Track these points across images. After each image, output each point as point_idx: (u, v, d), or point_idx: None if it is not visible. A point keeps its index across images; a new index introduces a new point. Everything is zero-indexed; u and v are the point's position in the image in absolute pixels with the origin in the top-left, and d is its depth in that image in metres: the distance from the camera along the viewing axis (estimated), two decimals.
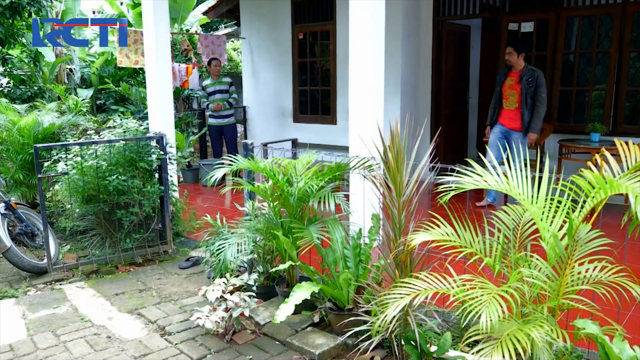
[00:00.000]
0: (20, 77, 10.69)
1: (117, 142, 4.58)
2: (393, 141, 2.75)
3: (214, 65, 8.19)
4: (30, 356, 3.26)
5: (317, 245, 3.42)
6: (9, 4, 7.58)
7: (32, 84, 10.64)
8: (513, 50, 5.90)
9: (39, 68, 10.94)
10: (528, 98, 5.87)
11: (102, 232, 4.81)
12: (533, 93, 5.86)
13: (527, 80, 5.87)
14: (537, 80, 5.84)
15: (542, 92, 5.87)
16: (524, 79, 5.89)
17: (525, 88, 5.88)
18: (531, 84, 5.85)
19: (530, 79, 5.85)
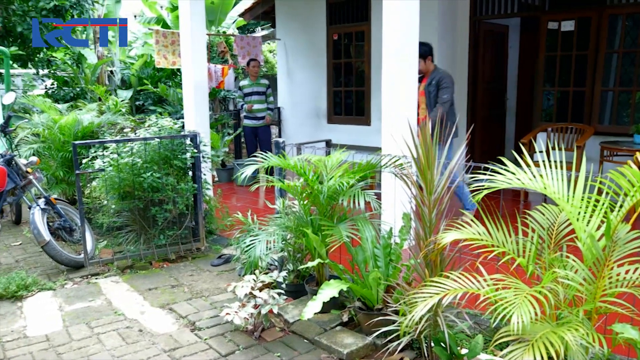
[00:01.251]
0: (63, 78, 11.03)
1: (152, 140, 4.66)
2: (424, 139, 2.70)
3: (252, 66, 8.19)
4: (64, 347, 3.33)
5: (347, 244, 3.40)
6: (52, 7, 7.82)
7: (75, 86, 10.96)
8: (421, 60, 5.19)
9: (81, 70, 11.27)
10: (432, 102, 5.41)
11: (137, 229, 4.90)
12: (436, 95, 5.37)
13: (428, 84, 5.43)
14: (439, 82, 5.33)
15: (444, 93, 5.31)
16: (427, 82, 5.47)
17: (428, 92, 5.43)
18: (433, 87, 5.38)
19: (434, 82, 5.39)
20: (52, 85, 10.95)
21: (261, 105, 8.24)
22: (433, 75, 5.38)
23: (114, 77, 12.26)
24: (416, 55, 4.54)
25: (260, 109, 8.24)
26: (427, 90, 5.38)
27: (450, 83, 5.36)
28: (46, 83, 11.11)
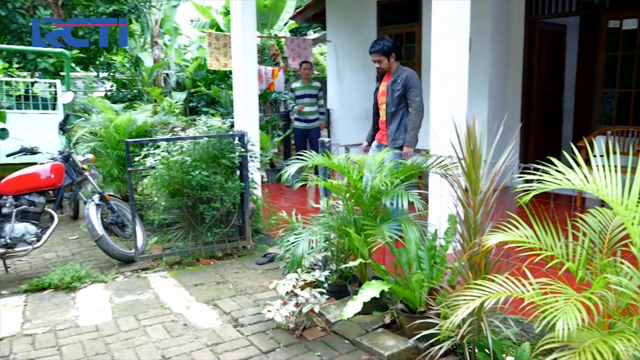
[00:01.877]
0: (122, 81, 11.45)
1: (201, 138, 4.75)
2: (469, 139, 2.63)
3: (304, 68, 8.15)
4: (112, 337, 3.44)
5: (390, 245, 3.36)
6: (111, 12, 8.13)
7: (133, 88, 11.36)
8: (380, 56, 4.94)
9: (138, 73, 11.66)
10: (395, 103, 4.91)
11: (186, 226, 5.00)
12: (402, 97, 4.89)
13: (392, 82, 4.94)
14: (406, 81, 4.86)
15: (415, 95, 4.85)
16: (390, 81, 4.98)
17: (391, 90, 4.92)
18: (398, 84, 4.89)
19: (398, 80, 4.89)
20: (111, 87, 11.39)
21: (312, 107, 8.20)
22: (398, 72, 4.95)
23: (169, 79, 12.61)
24: (466, 55, 4.45)
25: (311, 111, 8.20)
26: (390, 89, 4.94)
27: (418, 82, 4.95)
28: (106, 85, 11.55)
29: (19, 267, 4.85)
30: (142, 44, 12.84)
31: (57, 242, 5.60)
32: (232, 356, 3.17)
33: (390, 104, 4.97)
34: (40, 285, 4.25)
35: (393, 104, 4.95)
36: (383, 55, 4.95)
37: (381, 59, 4.97)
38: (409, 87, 4.87)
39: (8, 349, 3.30)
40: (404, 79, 4.88)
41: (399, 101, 4.91)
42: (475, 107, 7.04)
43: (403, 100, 4.91)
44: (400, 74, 4.93)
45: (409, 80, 4.87)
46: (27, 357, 3.19)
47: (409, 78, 4.88)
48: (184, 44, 13.84)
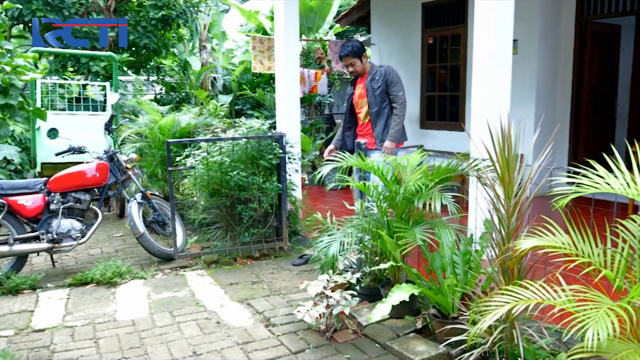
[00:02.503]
0: (171, 84, 11.75)
1: (240, 139, 4.81)
2: (502, 140, 2.55)
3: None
4: (147, 332, 3.51)
5: (423, 249, 3.30)
6: (160, 17, 8.36)
7: (181, 91, 11.64)
8: (352, 59, 4.78)
9: (187, 76, 11.95)
10: (378, 101, 4.75)
11: (224, 225, 5.07)
12: (384, 93, 4.71)
13: (371, 80, 4.76)
14: (386, 76, 4.69)
15: (397, 89, 4.69)
16: (368, 79, 4.80)
17: (372, 88, 4.75)
18: (377, 81, 4.71)
19: (377, 77, 4.72)
20: (160, 90, 11.71)
21: None
22: (374, 70, 4.78)
23: (216, 82, 12.86)
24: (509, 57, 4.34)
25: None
26: (369, 87, 4.76)
27: (398, 76, 4.77)
28: (156, 88, 11.89)
29: (65, 261, 5.03)
30: (190, 48, 13.15)
31: (103, 239, 5.79)
32: (261, 355, 3.18)
33: (373, 103, 4.77)
34: (84, 280, 4.39)
35: (376, 103, 4.75)
36: (355, 57, 4.77)
37: (354, 62, 4.78)
38: (390, 82, 4.69)
39: (49, 339, 3.42)
40: (383, 75, 4.70)
41: (382, 98, 4.72)
42: (522, 110, 6.86)
43: (386, 97, 4.74)
44: (377, 70, 4.76)
45: (388, 75, 4.69)
46: (66, 348, 3.30)
47: (388, 73, 4.71)
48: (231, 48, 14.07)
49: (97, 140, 5.67)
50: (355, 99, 4.97)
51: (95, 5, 8.01)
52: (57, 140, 5.67)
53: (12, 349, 3.26)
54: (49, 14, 7.42)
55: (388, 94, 4.71)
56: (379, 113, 4.77)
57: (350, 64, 4.81)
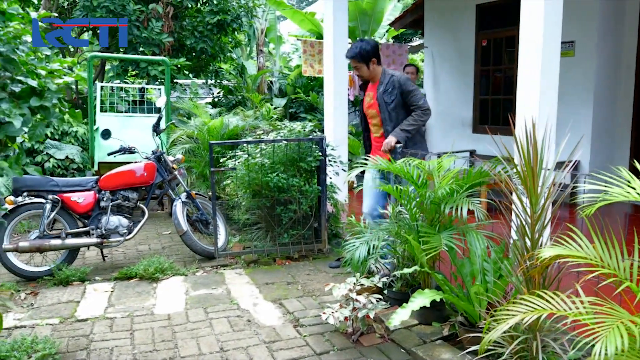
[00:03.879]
0: (228, 87, 12.06)
1: (280, 142, 4.89)
2: (527, 144, 2.47)
3: (407, 72, 7.41)
4: (180, 327, 3.64)
5: (451, 255, 3.24)
6: (216, 22, 8.61)
7: (238, 94, 11.92)
8: (358, 63, 4.21)
9: (244, 80, 12.22)
10: (393, 116, 4.18)
11: (265, 226, 5.16)
12: (401, 107, 4.16)
13: (383, 92, 4.17)
14: (402, 87, 4.11)
15: (417, 98, 4.11)
16: (379, 90, 4.21)
17: (384, 102, 4.17)
18: (391, 94, 4.13)
19: (390, 88, 4.13)
20: (218, 93, 12.04)
21: None
22: (385, 79, 4.20)
23: (273, 86, 13.08)
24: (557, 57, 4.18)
25: None
26: (382, 100, 4.20)
27: (413, 84, 4.19)
28: (214, 92, 12.23)
29: (114, 256, 5.28)
30: (248, 52, 13.44)
31: (152, 236, 6.02)
32: (286, 354, 3.22)
33: (387, 119, 4.21)
34: (128, 274, 4.59)
35: (391, 119, 4.19)
36: (361, 62, 4.20)
37: (359, 66, 4.23)
38: (406, 92, 4.12)
39: (89, 329, 3.61)
40: (397, 86, 4.12)
41: (397, 113, 4.17)
42: (577, 114, 6.58)
43: (402, 111, 4.18)
44: (390, 79, 4.18)
45: (403, 85, 4.12)
46: (103, 338, 3.47)
47: (403, 83, 4.13)
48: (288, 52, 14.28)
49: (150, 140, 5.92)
50: (365, 107, 4.44)
51: (155, 12, 8.36)
52: (111, 140, 5.95)
53: (54, 336, 3.46)
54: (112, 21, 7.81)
55: (406, 105, 4.18)
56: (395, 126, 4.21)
57: (355, 68, 4.28)
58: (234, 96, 11.77)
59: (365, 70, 4.23)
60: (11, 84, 2.47)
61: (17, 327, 3.62)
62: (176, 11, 8.81)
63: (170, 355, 3.23)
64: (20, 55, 2.54)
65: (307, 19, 11.76)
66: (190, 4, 8.82)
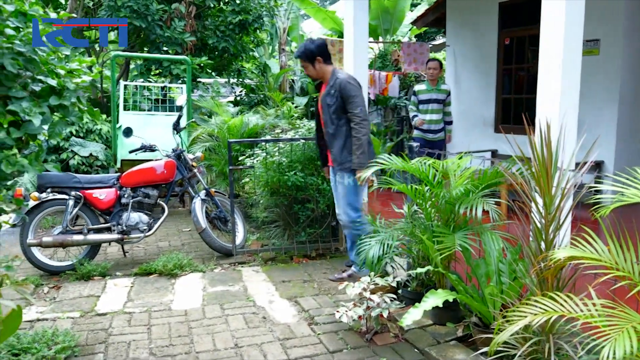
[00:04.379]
0: (250, 86, 12.13)
1: (297, 140, 4.91)
2: (541, 143, 2.45)
3: (429, 67, 6.78)
4: (196, 322, 3.69)
5: (466, 256, 3.23)
6: (238, 22, 8.68)
7: (260, 93, 11.98)
8: (304, 62, 4.17)
9: (265, 78, 12.28)
10: (333, 119, 4.09)
11: (283, 224, 5.20)
12: (341, 111, 4.03)
13: (326, 94, 4.09)
14: (342, 91, 3.97)
15: (355, 105, 3.97)
16: (324, 92, 4.14)
17: (326, 104, 4.09)
18: (333, 96, 4.03)
19: (332, 90, 4.03)
20: (241, 92, 12.12)
21: (437, 115, 6.83)
22: (331, 81, 4.10)
23: (295, 84, 13.11)
24: (579, 56, 4.12)
25: (436, 119, 6.82)
26: (324, 103, 4.13)
27: (356, 89, 4.02)
28: (236, 90, 12.32)
29: (135, 252, 5.37)
30: (270, 51, 13.50)
31: (172, 233, 6.11)
32: (299, 352, 3.25)
33: (328, 122, 4.14)
34: (148, 270, 4.67)
35: (332, 122, 4.12)
36: (306, 61, 4.14)
37: (305, 65, 4.19)
38: (346, 97, 3.97)
39: (108, 323, 3.69)
40: (338, 88, 4.00)
41: (337, 117, 4.08)
42: (603, 113, 6.46)
43: (343, 115, 4.08)
44: (334, 82, 4.07)
45: (344, 90, 3.98)
46: (121, 332, 3.54)
47: (343, 87, 3.98)
48: None
49: (171, 138, 6.00)
50: (319, 109, 4.40)
51: (178, 11, 8.46)
52: (133, 138, 6.05)
53: (74, 329, 3.54)
54: (135, 20, 7.94)
55: (343, 111, 4.07)
56: (335, 134, 4.14)
57: (304, 67, 4.28)
58: (255, 95, 11.83)
59: (312, 70, 4.19)
60: (32, 83, 2.54)
61: (39, 320, 3.72)
62: (199, 11, 8.91)
63: (186, 350, 3.29)
64: (41, 55, 2.61)
65: (329, 17, 11.76)
66: (212, 4, 8.91)
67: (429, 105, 6.78)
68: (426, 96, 6.79)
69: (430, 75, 6.75)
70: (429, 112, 6.77)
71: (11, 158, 2.39)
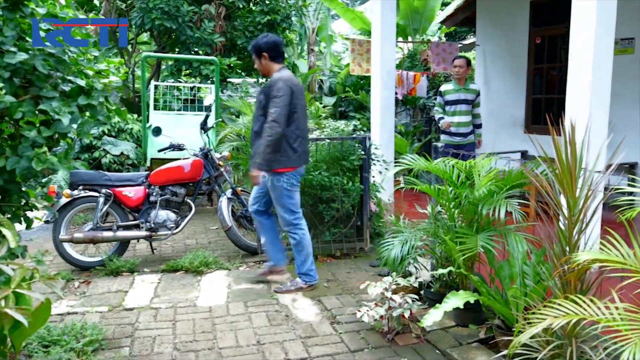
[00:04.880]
0: None
1: (323, 140, 4.93)
2: (565, 144, 2.41)
3: (455, 65, 6.29)
4: (220, 319, 3.75)
5: (490, 257, 3.20)
6: (266, 22, 8.75)
7: None
8: (253, 55, 4.19)
9: None
10: (258, 113, 4.10)
11: (308, 224, 5.21)
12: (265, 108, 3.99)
13: (260, 91, 4.12)
14: (269, 89, 3.95)
15: (273, 104, 3.88)
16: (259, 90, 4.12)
17: (258, 102, 4.09)
18: (262, 93, 4.05)
19: (266, 88, 4.02)
20: None
21: (466, 117, 6.29)
22: (271, 79, 4.09)
23: (323, 85, 13.15)
24: (610, 56, 4.04)
25: (464, 122, 6.29)
26: (257, 99, 4.17)
27: (284, 91, 3.90)
28: None
29: (163, 249, 5.48)
30: (299, 51, 13.55)
31: (200, 231, 6.20)
32: (320, 350, 3.27)
33: (255, 119, 4.13)
34: (175, 267, 4.76)
35: (258, 120, 4.08)
36: (254, 54, 4.16)
37: (255, 59, 4.21)
38: (271, 96, 3.92)
39: (135, 318, 3.77)
40: (268, 87, 4.00)
41: (263, 115, 4.02)
42: (634, 114, 6.31)
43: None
44: (270, 80, 4.07)
45: (272, 86, 3.95)
46: (147, 327, 3.62)
47: (273, 83, 3.96)
48: (339, 51, 14.32)
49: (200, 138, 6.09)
50: None
51: (208, 13, 8.58)
52: (163, 137, 6.16)
53: (102, 323, 3.63)
54: (166, 22, 8.07)
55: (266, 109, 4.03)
56: (258, 133, 4.06)
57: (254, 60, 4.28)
58: None
59: (258, 64, 4.21)
60: (62, 83, 2.62)
61: (69, 314, 3.83)
62: (228, 11, 9.01)
63: (209, 346, 3.34)
64: (71, 56, 2.69)
65: (358, 17, 11.75)
66: (241, 4, 8.99)
67: (457, 106, 6.26)
68: (453, 96, 6.26)
69: (457, 73, 6.24)
70: (456, 113, 6.27)
71: (41, 156, 2.47)
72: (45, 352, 3.06)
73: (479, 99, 6.43)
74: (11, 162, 2.49)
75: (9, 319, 2.03)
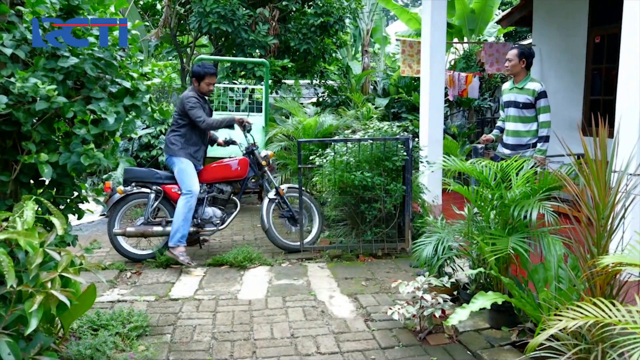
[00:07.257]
0: (333, 87, 12.33)
1: (366, 141, 4.99)
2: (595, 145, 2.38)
3: (507, 58, 5.02)
4: (258, 312, 3.89)
5: (523, 260, 3.17)
6: (319, 24, 8.88)
7: (342, 94, 12.15)
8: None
9: (348, 80, 12.42)
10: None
11: (350, 223, 5.30)
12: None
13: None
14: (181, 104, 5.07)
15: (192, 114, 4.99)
16: None
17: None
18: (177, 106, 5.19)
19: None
20: (322, 93, 12.35)
21: (515, 125, 4.94)
22: None
23: (377, 86, 13.16)
24: None
25: (511, 130, 4.98)
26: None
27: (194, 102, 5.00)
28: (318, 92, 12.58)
29: (210, 244, 5.69)
30: (353, 52, 13.62)
31: (247, 228, 6.40)
32: (351, 345, 3.34)
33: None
34: (220, 261, 4.95)
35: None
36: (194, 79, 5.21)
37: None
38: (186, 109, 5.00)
39: (179, 307, 3.97)
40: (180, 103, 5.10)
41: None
42: None
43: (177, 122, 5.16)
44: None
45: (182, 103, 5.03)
46: (189, 317, 3.80)
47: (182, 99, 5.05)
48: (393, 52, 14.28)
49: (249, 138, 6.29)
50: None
51: (262, 16, 8.80)
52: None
53: (148, 311, 3.85)
54: (223, 25, 8.34)
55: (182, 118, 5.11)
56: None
57: None
58: (337, 96, 12.00)
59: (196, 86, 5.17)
60: (110, 85, 2.83)
61: (119, 301, 4.08)
62: (282, 14, 9.20)
63: (245, 337, 3.48)
64: (119, 60, 2.89)
65: (414, 18, 11.71)
66: (295, 7, 9.16)
67: (508, 109, 5.03)
68: (505, 97, 5.09)
69: (506, 68, 5.04)
70: (509, 119, 5.03)
71: (89, 152, 2.67)
72: (94, 334, 3.29)
73: (541, 102, 4.88)
74: (63, 158, 2.71)
75: (54, 299, 2.22)
